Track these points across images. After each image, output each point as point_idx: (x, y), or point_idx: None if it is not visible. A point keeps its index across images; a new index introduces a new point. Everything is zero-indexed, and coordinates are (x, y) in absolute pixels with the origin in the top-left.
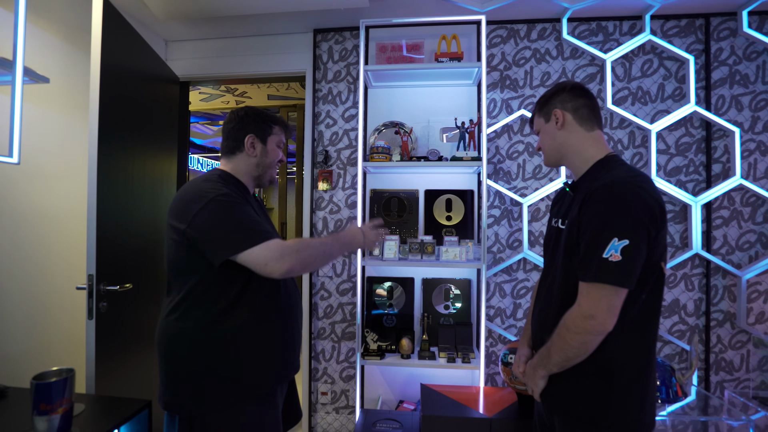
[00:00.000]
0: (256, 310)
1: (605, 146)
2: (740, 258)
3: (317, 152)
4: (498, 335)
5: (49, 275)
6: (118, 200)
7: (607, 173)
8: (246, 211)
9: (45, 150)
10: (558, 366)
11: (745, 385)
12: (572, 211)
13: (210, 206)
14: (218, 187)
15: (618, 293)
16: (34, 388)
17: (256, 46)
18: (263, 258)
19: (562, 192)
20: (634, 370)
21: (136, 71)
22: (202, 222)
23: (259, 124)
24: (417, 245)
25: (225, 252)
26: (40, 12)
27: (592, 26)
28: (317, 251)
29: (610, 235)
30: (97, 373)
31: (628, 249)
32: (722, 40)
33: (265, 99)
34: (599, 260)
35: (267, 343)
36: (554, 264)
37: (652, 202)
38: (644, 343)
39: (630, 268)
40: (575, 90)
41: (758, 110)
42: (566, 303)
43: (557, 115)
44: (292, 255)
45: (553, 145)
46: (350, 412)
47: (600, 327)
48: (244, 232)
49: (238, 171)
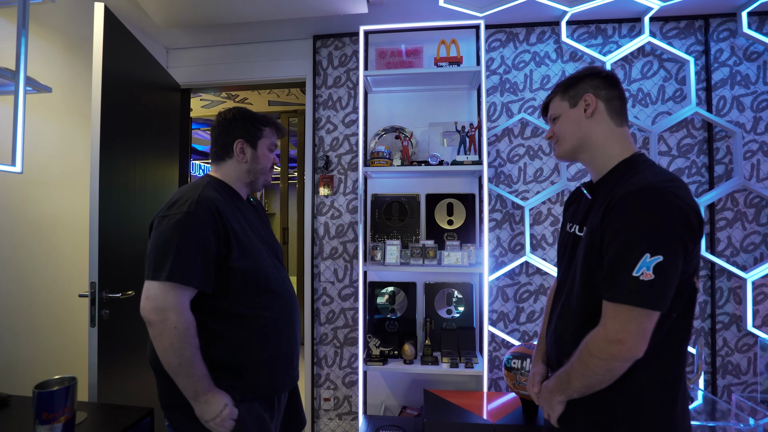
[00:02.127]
0: (246, 323)
1: (632, 145)
2: (745, 260)
3: (318, 158)
4: (501, 340)
5: (52, 283)
6: (120, 208)
7: (634, 176)
8: (192, 241)
9: (47, 159)
10: (578, 392)
11: (753, 389)
12: (593, 218)
13: (164, 222)
14: (192, 200)
15: (650, 316)
16: (36, 397)
17: (256, 52)
18: (148, 291)
19: (577, 193)
20: (667, 399)
21: (138, 79)
22: (153, 236)
23: (248, 127)
24: (419, 250)
25: (147, 273)
26: (42, 22)
27: (591, 29)
28: (180, 350)
29: (641, 250)
30: (99, 381)
31: (661, 266)
32: (722, 41)
33: (265, 105)
34: (628, 279)
35: (258, 355)
36: (571, 275)
37: (689, 211)
38: (676, 367)
39: (664, 288)
40: (610, 78)
41: (760, 111)
42: (586, 320)
43: (588, 101)
44: (167, 323)
45: (576, 135)
46: (353, 419)
47: (629, 353)
48: (162, 260)
49: (229, 178)
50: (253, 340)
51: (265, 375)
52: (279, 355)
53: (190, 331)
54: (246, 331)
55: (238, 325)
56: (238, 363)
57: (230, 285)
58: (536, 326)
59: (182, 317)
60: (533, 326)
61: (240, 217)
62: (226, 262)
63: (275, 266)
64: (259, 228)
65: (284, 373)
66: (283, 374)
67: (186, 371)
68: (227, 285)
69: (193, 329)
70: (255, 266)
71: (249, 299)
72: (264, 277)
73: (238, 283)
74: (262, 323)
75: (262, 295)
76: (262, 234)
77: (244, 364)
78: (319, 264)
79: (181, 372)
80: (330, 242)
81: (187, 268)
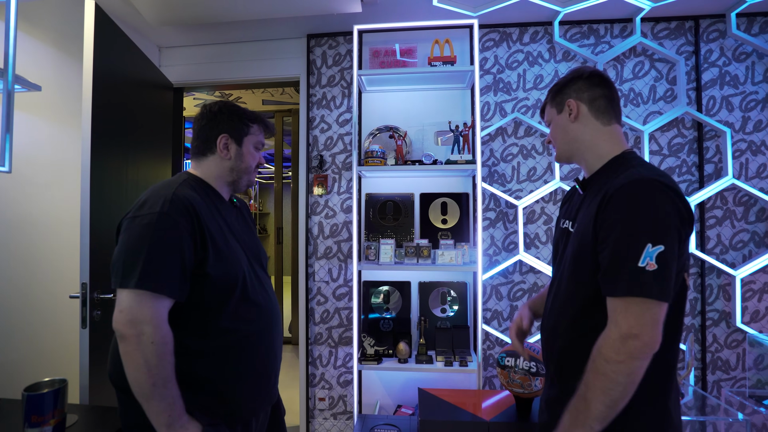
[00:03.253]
0: (220, 335)
1: (623, 142)
2: (734, 257)
3: (312, 157)
4: (495, 338)
5: (43, 284)
6: (111, 207)
7: (626, 171)
8: (165, 244)
9: (37, 158)
10: (601, 417)
11: (742, 384)
12: (583, 214)
13: (133, 224)
14: (165, 199)
15: (661, 306)
16: (26, 400)
17: (250, 51)
18: (121, 303)
19: (572, 191)
20: (658, 397)
21: (129, 78)
22: (120, 239)
23: (234, 122)
24: (413, 249)
25: (113, 281)
26: (32, 20)
27: (583, 29)
28: (156, 368)
29: (644, 240)
30: (90, 383)
31: (663, 256)
32: (711, 42)
33: (259, 104)
34: (634, 270)
35: (230, 372)
36: (562, 269)
37: (680, 203)
38: (666, 369)
39: (668, 278)
40: (593, 78)
41: (748, 111)
42: (576, 314)
43: (571, 107)
44: (143, 337)
45: (565, 139)
46: (348, 418)
47: (647, 348)
48: (131, 266)
49: (209, 175)
50: (227, 354)
51: (239, 394)
52: (254, 373)
53: (168, 347)
54: (219, 345)
55: (210, 338)
56: (208, 380)
57: (203, 293)
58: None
59: (160, 331)
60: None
61: (219, 220)
62: (201, 268)
63: (255, 274)
64: (241, 232)
65: (261, 392)
66: (259, 392)
67: (161, 392)
68: (200, 293)
69: (171, 345)
70: (232, 274)
71: (223, 310)
72: (242, 286)
73: (213, 291)
74: (236, 336)
75: (239, 305)
76: (244, 238)
77: (215, 381)
78: (313, 263)
79: (155, 394)
80: (324, 242)
81: (160, 274)
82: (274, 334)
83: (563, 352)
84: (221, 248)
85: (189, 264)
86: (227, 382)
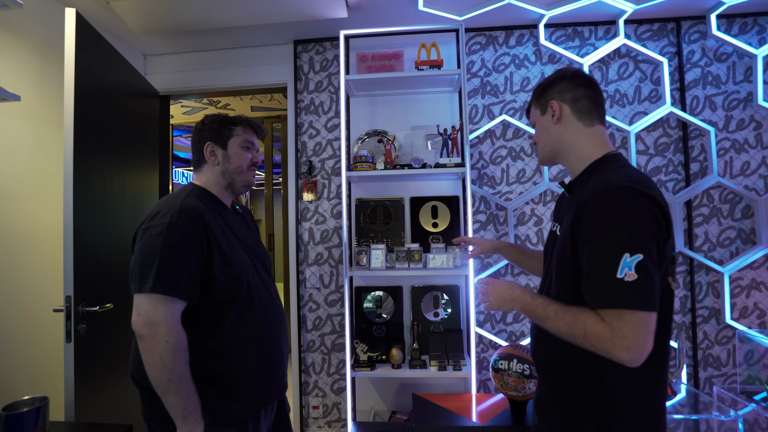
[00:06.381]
0: (228, 335)
1: (605, 144)
2: (722, 254)
3: (301, 163)
4: (489, 341)
5: (26, 297)
6: (96, 218)
7: (602, 176)
8: (176, 251)
9: (18, 169)
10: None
11: (733, 380)
12: (566, 218)
13: (147, 234)
14: (174, 210)
15: (646, 316)
16: (4, 420)
17: (236, 58)
18: (138, 307)
19: (563, 194)
20: (644, 417)
21: (113, 86)
22: (136, 249)
23: (215, 129)
24: (404, 253)
25: (132, 286)
26: (10, 28)
27: (568, 32)
28: (170, 365)
29: (619, 251)
30: (76, 399)
31: (643, 264)
32: (693, 43)
33: (248, 110)
34: (612, 283)
35: (238, 370)
36: (550, 272)
37: (655, 208)
38: (653, 378)
39: (650, 286)
40: (576, 78)
41: (731, 109)
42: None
43: (554, 108)
44: (158, 337)
45: (548, 141)
46: (342, 426)
47: (631, 363)
48: (146, 272)
49: (207, 183)
50: (237, 352)
51: (247, 390)
52: (262, 367)
53: (181, 345)
54: (230, 344)
55: (221, 338)
56: (220, 376)
57: (211, 296)
58: (523, 326)
59: (173, 331)
60: (520, 326)
61: (223, 225)
62: (209, 272)
63: (260, 277)
64: (245, 236)
65: (268, 385)
66: (267, 386)
67: (176, 387)
68: (210, 296)
69: (185, 344)
70: (237, 277)
71: (231, 311)
72: (246, 289)
73: (220, 294)
74: (245, 335)
75: (245, 306)
76: (248, 243)
77: (226, 377)
78: (304, 270)
79: (171, 388)
80: (315, 248)
81: (173, 278)
82: (280, 333)
83: (550, 354)
84: (227, 253)
85: (198, 268)
86: (237, 378)
